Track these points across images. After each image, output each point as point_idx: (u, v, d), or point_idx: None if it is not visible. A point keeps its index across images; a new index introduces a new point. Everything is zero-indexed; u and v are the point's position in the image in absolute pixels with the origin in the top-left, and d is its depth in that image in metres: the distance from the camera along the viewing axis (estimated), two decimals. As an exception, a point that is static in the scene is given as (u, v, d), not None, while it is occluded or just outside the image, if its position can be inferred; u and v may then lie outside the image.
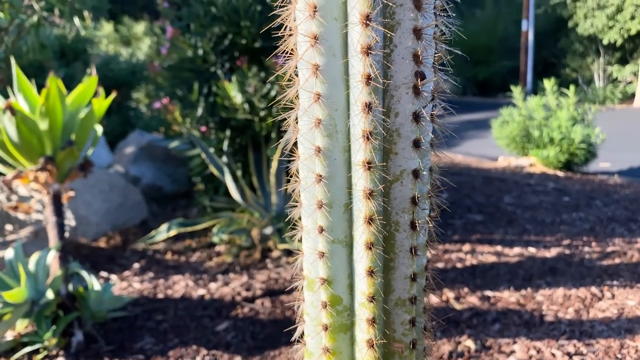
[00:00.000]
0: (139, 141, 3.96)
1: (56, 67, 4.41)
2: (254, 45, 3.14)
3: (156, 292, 2.39)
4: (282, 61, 1.85)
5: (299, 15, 0.34)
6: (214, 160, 2.96)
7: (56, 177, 2.17)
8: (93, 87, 2.25)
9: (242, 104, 2.99)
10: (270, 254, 2.79)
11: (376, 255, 0.37)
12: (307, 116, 0.35)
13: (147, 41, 11.74)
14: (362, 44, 0.32)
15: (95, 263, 2.77)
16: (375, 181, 0.35)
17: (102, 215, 3.15)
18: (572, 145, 5.40)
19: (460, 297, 2.26)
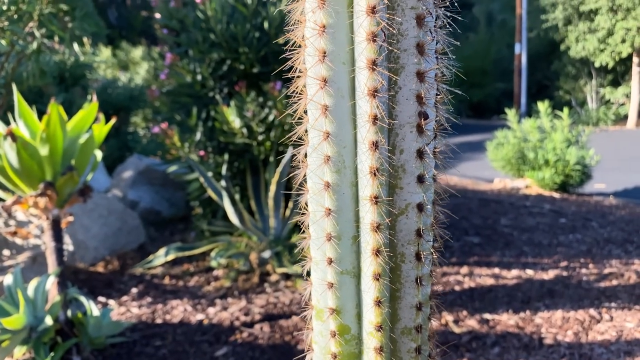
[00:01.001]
0: (137, 165, 3.98)
1: (55, 92, 4.45)
2: (252, 70, 3.18)
3: (154, 317, 2.38)
4: (279, 86, 1.89)
5: (309, 59, 0.36)
6: (212, 184, 2.98)
7: (56, 203, 2.18)
8: (93, 113, 2.28)
9: (241, 129, 3.02)
10: (269, 277, 2.79)
11: (383, 285, 0.38)
12: (316, 153, 0.37)
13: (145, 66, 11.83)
14: (369, 87, 0.34)
15: (93, 288, 2.76)
16: (382, 215, 0.37)
17: (100, 240, 3.15)
18: (567, 166, 5.45)
19: (460, 320, 2.26)
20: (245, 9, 3.15)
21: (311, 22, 0.35)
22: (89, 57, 5.85)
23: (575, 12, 15.17)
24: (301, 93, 0.38)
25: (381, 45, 0.34)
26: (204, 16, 3.13)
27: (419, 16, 0.34)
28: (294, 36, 0.37)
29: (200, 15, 3.14)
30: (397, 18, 0.34)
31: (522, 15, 14.46)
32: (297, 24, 0.37)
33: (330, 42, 0.35)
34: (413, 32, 0.35)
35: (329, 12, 0.34)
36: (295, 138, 0.39)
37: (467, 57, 17.70)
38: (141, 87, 5.71)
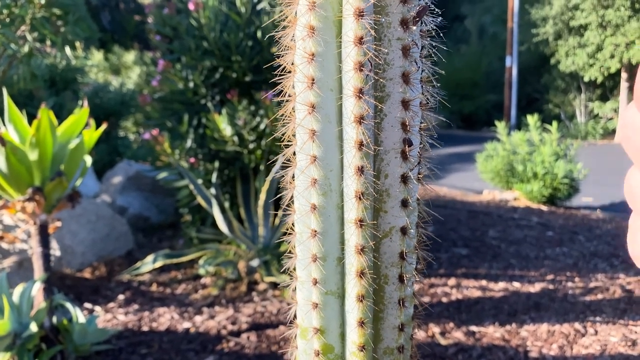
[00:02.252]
0: (126, 171, 3.97)
1: (46, 96, 4.43)
2: (245, 79, 3.20)
3: (141, 325, 2.37)
4: (270, 96, 1.91)
5: (298, 85, 0.37)
6: (202, 191, 2.97)
7: (44, 208, 2.17)
8: (84, 118, 2.27)
9: (232, 137, 3.02)
10: (257, 286, 2.79)
11: (367, 306, 0.39)
12: (304, 176, 0.38)
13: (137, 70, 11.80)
14: (356, 114, 0.35)
15: (79, 294, 2.74)
16: (367, 238, 0.38)
17: (87, 246, 3.13)
18: (555, 180, 5.50)
19: (446, 332, 2.28)
20: (239, 17, 3.17)
21: (301, 49, 0.36)
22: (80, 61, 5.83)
23: (565, 27, 15.37)
24: (290, 117, 0.39)
25: (368, 74, 0.35)
26: (197, 24, 3.14)
27: (404, 47, 0.35)
28: (284, 62, 0.38)
29: (194, 22, 3.15)
30: (384, 49, 0.35)
31: (514, 28, 14.62)
32: (287, 50, 0.38)
33: (318, 70, 0.36)
34: (399, 62, 0.36)
35: (318, 41, 0.35)
36: (283, 160, 0.40)
37: (458, 69, 17.86)
38: (132, 92, 5.70)
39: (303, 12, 0.35)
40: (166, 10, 3.31)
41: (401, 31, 0.35)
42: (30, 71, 3.62)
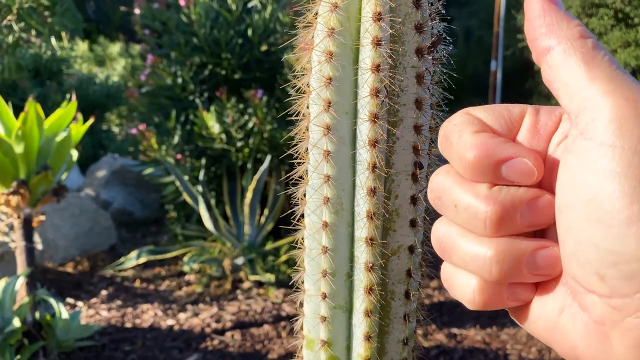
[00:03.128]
0: (111, 165, 3.93)
1: (30, 87, 4.37)
2: (234, 76, 3.19)
3: (124, 321, 2.36)
4: (260, 94, 1.91)
5: (314, 107, 0.38)
6: (188, 188, 2.97)
7: (28, 202, 2.15)
8: (72, 112, 2.26)
9: (219, 134, 3.02)
10: (241, 285, 2.79)
11: (374, 321, 0.41)
12: (317, 194, 0.40)
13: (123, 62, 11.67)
14: (370, 138, 0.36)
15: (61, 289, 2.72)
16: (376, 255, 0.39)
17: (70, 240, 3.11)
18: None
19: (428, 334, 2.31)
20: (230, 15, 3.16)
21: (318, 73, 0.37)
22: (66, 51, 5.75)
23: (550, 33, 15.62)
24: (303, 136, 0.40)
25: (383, 100, 0.36)
26: (187, 20, 3.12)
27: (419, 75, 0.37)
28: (299, 83, 0.39)
29: (184, 18, 3.13)
30: (399, 76, 0.37)
31: (499, 33, 14.78)
32: (304, 72, 0.39)
33: (335, 94, 0.37)
34: (413, 89, 0.37)
35: (336, 66, 0.37)
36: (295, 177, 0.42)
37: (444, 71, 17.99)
38: (119, 86, 5.65)
39: (322, 38, 0.36)
40: (156, 5, 3.29)
41: (416, 60, 0.37)
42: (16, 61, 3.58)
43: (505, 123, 0.32)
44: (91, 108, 5.08)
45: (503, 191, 0.30)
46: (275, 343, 2.13)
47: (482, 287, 0.32)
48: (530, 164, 0.30)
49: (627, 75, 0.28)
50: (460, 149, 0.31)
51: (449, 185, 0.32)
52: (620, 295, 0.27)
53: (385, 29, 0.34)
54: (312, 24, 0.37)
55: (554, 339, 0.32)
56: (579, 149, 0.28)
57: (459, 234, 0.32)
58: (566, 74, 0.29)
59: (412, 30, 0.36)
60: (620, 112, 0.27)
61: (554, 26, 0.30)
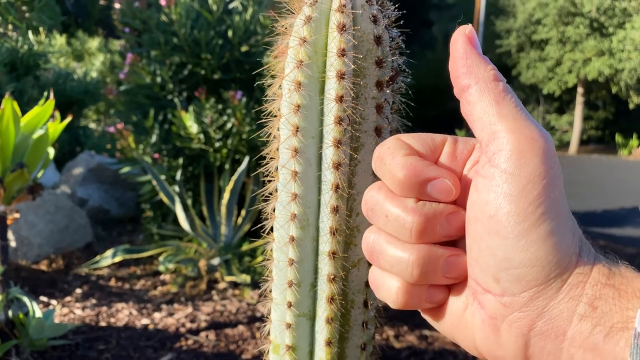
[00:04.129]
0: (88, 162, 3.91)
1: (6, 81, 4.30)
2: (213, 77, 3.20)
3: (98, 320, 2.36)
4: (239, 95, 1.95)
5: (284, 131, 0.42)
6: (164, 188, 2.97)
7: (3, 199, 2.14)
8: (49, 110, 2.25)
9: (198, 134, 3.03)
10: (217, 285, 2.80)
11: (334, 328, 0.44)
12: (285, 210, 0.43)
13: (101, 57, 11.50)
14: (334, 161, 0.40)
15: (35, 287, 2.70)
16: (338, 268, 0.43)
17: (45, 237, 3.08)
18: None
19: (400, 335, 2.35)
20: (211, 15, 3.17)
21: (288, 100, 0.41)
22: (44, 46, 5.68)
23: (527, 41, 15.85)
24: (273, 155, 0.43)
25: (346, 128, 0.40)
26: (168, 19, 3.13)
27: (378, 105, 0.41)
28: (271, 107, 0.43)
29: (165, 18, 3.14)
30: (360, 106, 0.40)
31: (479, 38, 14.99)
32: (274, 97, 0.42)
33: (302, 120, 0.40)
34: (372, 117, 0.41)
35: (304, 95, 0.40)
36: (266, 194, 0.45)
37: (423, 74, 18.14)
38: (97, 82, 5.60)
39: (291, 69, 0.39)
40: (137, 4, 3.28)
41: (376, 91, 0.40)
42: (-8, 56, 3.53)
43: (430, 149, 0.38)
44: (68, 104, 5.03)
45: (427, 205, 0.36)
46: (250, 344, 2.16)
47: (404, 288, 0.37)
48: (450, 184, 0.36)
49: (528, 116, 0.34)
50: (393, 169, 0.36)
51: (381, 199, 0.37)
52: (510, 294, 0.33)
53: (348, 64, 0.38)
54: (283, 56, 0.40)
55: (458, 333, 0.38)
56: (487, 173, 0.34)
57: (386, 241, 0.37)
58: (480, 110, 0.35)
59: (373, 65, 0.39)
60: (520, 147, 0.33)
61: (473, 67, 0.36)
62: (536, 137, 0.33)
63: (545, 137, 0.34)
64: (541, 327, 0.33)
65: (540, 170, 0.32)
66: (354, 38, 0.38)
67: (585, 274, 0.33)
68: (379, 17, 0.40)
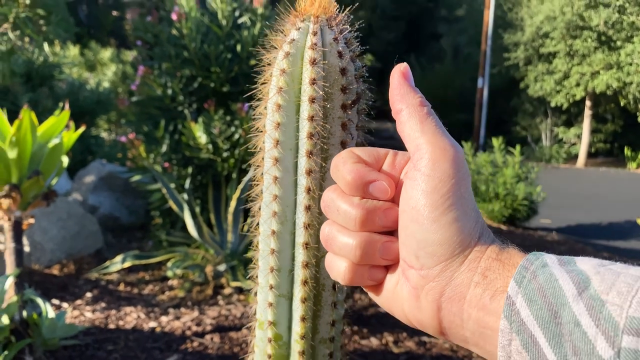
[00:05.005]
0: (99, 171, 4.02)
1: (22, 92, 4.45)
2: (222, 89, 3.31)
3: (108, 323, 2.45)
4: (246, 107, 2.07)
5: (267, 144, 0.51)
6: (174, 195, 3.07)
7: (19, 205, 2.24)
8: (64, 120, 2.36)
9: (206, 144, 3.13)
10: (222, 290, 2.89)
11: (308, 307, 0.53)
12: (268, 208, 0.52)
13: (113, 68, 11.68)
14: (306, 169, 0.48)
15: (47, 290, 2.80)
16: (310, 257, 0.51)
17: (57, 243, 3.19)
18: (516, 201, 5.75)
19: (399, 341, 2.42)
20: (220, 30, 3.29)
21: (270, 119, 0.50)
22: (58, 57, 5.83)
23: (535, 54, 15.90)
24: (260, 164, 0.52)
25: (316, 142, 0.48)
26: (179, 33, 3.25)
27: (343, 123, 0.49)
28: (258, 124, 0.52)
29: (176, 32, 3.26)
30: (328, 125, 0.49)
31: (487, 51, 15.07)
32: (261, 116, 0.52)
33: (282, 135, 0.49)
34: (338, 133, 0.50)
35: (283, 115, 0.49)
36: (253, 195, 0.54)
37: (431, 86, 18.24)
38: (109, 92, 5.74)
39: (273, 93, 0.49)
40: (149, 18, 3.40)
41: (341, 112, 0.49)
42: (10, 68, 3.67)
43: (375, 159, 0.48)
44: (81, 114, 5.17)
45: (369, 202, 0.46)
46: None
47: (350, 268, 0.47)
48: (387, 185, 0.46)
49: (445, 132, 0.45)
50: (344, 173, 0.46)
51: (335, 197, 0.47)
52: (426, 268, 0.43)
53: (318, 91, 0.47)
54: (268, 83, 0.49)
55: (393, 305, 0.47)
56: (412, 175, 0.44)
57: (337, 230, 0.47)
58: (409, 128, 0.45)
59: (339, 91, 0.48)
60: (435, 155, 0.43)
61: (404, 96, 0.46)
62: (447, 148, 0.43)
63: (455, 148, 0.44)
64: (449, 293, 0.42)
65: (449, 172, 0.42)
66: (323, 70, 0.47)
67: (482, 251, 0.42)
68: (344, 52, 0.49)
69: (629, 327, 0.33)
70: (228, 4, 3.32)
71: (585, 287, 0.36)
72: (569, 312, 0.36)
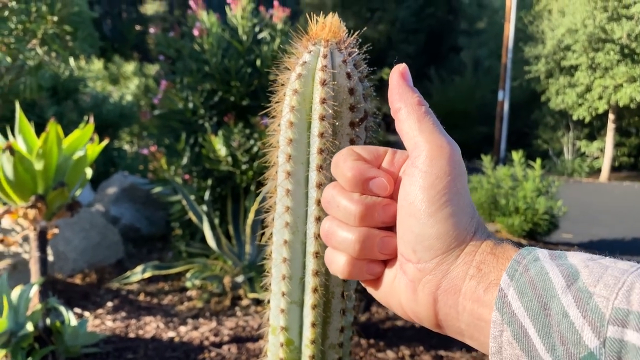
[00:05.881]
0: (121, 182, 4.11)
1: (48, 105, 4.57)
2: (242, 103, 3.37)
3: (128, 332, 2.49)
4: (265, 121, 2.13)
5: (280, 158, 0.54)
6: (194, 207, 3.12)
7: (44, 215, 2.31)
8: (89, 134, 2.43)
9: (226, 157, 3.19)
10: (240, 302, 2.92)
11: (318, 313, 0.55)
12: (280, 219, 0.55)
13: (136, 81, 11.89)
14: (316, 182, 0.51)
15: (69, 299, 2.86)
16: (320, 265, 0.54)
17: (80, 252, 3.26)
18: (536, 215, 5.69)
19: (416, 355, 2.42)
20: (241, 45, 3.35)
21: (283, 135, 0.53)
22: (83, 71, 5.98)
23: (556, 67, 15.77)
24: (273, 177, 0.55)
25: (326, 157, 0.51)
26: (200, 48, 3.32)
27: (351, 139, 0.52)
28: (272, 141, 0.55)
29: (197, 47, 3.33)
30: (337, 141, 0.52)
31: (507, 64, 15.00)
32: (274, 133, 0.55)
33: (294, 150, 0.52)
34: (347, 149, 0.53)
35: (295, 131, 0.52)
36: (267, 206, 0.57)
37: (451, 99, 18.20)
38: (132, 106, 5.86)
39: (286, 112, 0.52)
40: (171, 33, 3.49)
41: (350, 129, 0.52)
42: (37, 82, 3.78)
43: (374, 156, 0.49)
44: (105, 127, 5.29)
45: (368, 198, 0.47)
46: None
47: (349, 261, 0.48)
48: (385, 182, 0.47)
49: (442, 131, 0.46)
50: (344, 170, 0.48)
51: (335, 193, 0.48)
52: (423, 261, 0.44)
53: (328, 109, 0.50)
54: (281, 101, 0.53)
55: (391, 299, 0.48)
56: (410, 172, 0.45)
57: (337, 225, 0.48)
58: (407, 126, 0.47)
59: (347, 110, 0.51)
60: (432, 152, 0.44)
61: (403, 95, 0.48)
62: (444, 145, 0.44)
63: (451, 145, 0.45)
64: (445, 286, 0.43)
65: (446, 169, 0.43)
66: (332, 90, 0.50)
67: (477, 245, 0.43)
68: (352, 73, 0.52)
69: (615, 318, 0.35)
70: (249, 20, 3.39)
71: (574, 280, 0.38)
72: (557, 304, 0.37)
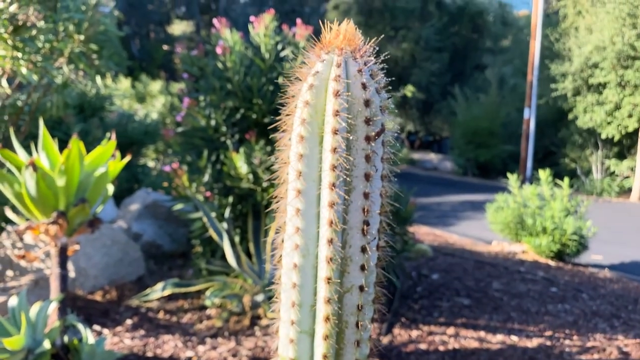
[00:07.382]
0: (144, 199, 4.12)
1: (74, 122, 4.64)
2: (264, 120, 3.36)
3: (146, 350, 2.47)
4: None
5: (291, 175, 0.50)
6: (214, 224, 3.10)
7: (65, 231, 2.31)
8: (111, 150, 2.43)
9: (247, 174, 3.17)
10: (260, 321, 2.87)
11: (330, 345, 0.51)
12: (290, 241, 0.51)
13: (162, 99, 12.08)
14: (329, 201, 0.48)
15: (89, 316, 2.85)
16: (332, 292, 0.50)
17: (101, 269, 3.26)
18: (564, 236, 5.53)
19: (439, 380, 2.33)
20: (263, 63, 3.36)
21: (294, 150, 0.49)
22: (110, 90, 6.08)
23: (584, 84, 15.51)
24: (283, 195, 0.52)
25: (339, 174, 0.48)
26: (223, 66, 3.33)
27: (367, 155, 0.48)
28: (282, 156, 0.51)
29: (220, 65, 3.34)
30: (351, 157, 0.48)
31: (533, 82, 14.81)
32: (284, 148, 0.51)
33: (305, 166, 0.49)
34: (362, 165, 0.49)
35: (306, 146, 0.48)
36: (276, 227, 0.53)
37: (476, 117, 18.01)
38: (156, 123, 5.93)
39: (297, 124, 0.48)
40: (195, 52, 3.52)
41: (365, 144, 0.48)
42: (63, 100, 3.84)
43: None
44: (129, 144, 5.35)
45: None
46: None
47: None
48: None
49: None
50: None
51: None
52: None
53: (341, 122, 0.46)
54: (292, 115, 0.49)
55: None
56: None
57: None
58: None
59: (363, 123, 0.48)
60: None
61: None
62: None
63: None
64: None
65: None
66: (346, 102, 0.47)
67: None
68: (368, 84, 0.48)
69: None
70: (271, 37, 3.40)
71: None
72: None
